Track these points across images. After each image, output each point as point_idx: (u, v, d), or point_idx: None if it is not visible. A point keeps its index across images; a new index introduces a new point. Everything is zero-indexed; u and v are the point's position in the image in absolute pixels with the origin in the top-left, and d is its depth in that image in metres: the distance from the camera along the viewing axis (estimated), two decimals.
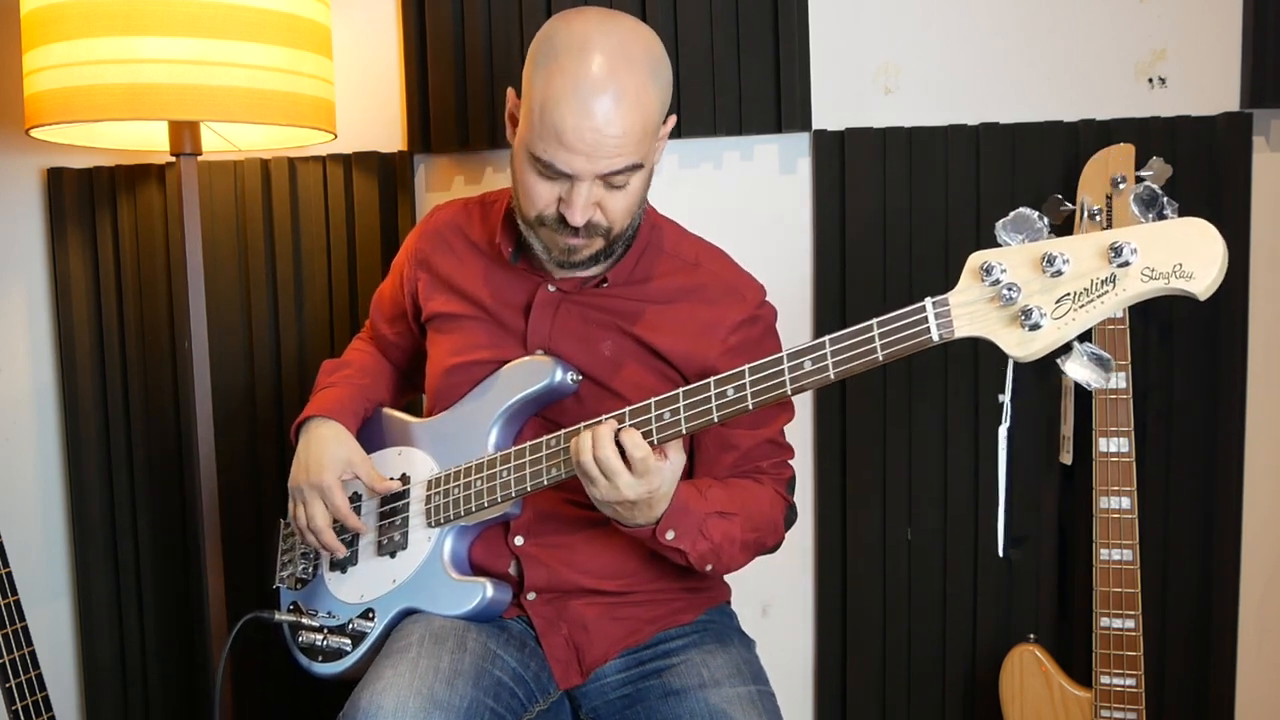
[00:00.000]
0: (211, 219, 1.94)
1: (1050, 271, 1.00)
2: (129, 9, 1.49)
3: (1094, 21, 1.83)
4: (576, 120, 1.19)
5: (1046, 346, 1.01)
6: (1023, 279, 1.01)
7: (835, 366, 1.10)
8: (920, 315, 1.06)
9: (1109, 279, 0.98)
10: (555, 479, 1.26)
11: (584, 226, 1.25)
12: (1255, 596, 1.86)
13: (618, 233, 1.29)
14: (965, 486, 1.88)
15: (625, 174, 1.23)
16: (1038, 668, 1.78)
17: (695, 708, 1.26)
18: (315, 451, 1.39)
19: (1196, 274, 0.95)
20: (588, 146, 1.20)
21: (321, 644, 1.41)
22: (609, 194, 1.25)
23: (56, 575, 2.09)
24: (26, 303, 2.06)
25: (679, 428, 1.18)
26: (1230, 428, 1.80)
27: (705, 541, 1.27)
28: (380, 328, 1.57)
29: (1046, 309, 1.00)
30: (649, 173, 1.29)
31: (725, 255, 1.42)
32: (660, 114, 1.26)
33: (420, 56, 1.92)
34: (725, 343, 1.33)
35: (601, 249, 1.30)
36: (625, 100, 1.20)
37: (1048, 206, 1.72)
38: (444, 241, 1.45)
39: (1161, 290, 0.97)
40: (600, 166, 1.22)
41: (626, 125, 1.20)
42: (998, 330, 1.03)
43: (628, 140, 1.21)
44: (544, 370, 1.32)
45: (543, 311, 1.36)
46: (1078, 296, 1.00)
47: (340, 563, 1.43)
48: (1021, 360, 1.02)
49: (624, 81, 1.20)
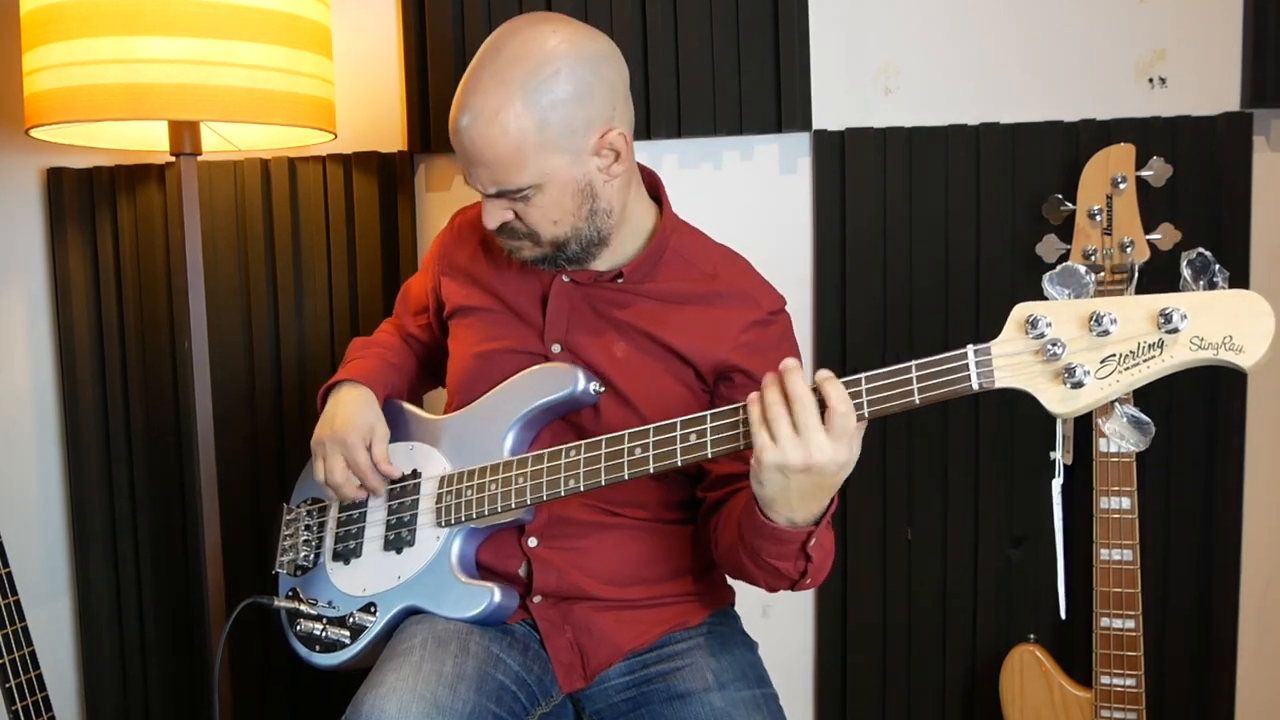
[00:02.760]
0: (211, 219, 1.94)
1: (1097, 330, 0.98)
2: (129, 9, 1.49)
3: (1094, 21, 1.83)
4: (455, 135, 1.24)
5: (1088, 405, 1.00)
6: (1068, 335, 1.00)
7: (870, 405, 1.07)
8: (961, 362, 1.04)
9: (1157, 344, 0.97)
10: (572, 491, 1.25)
11: (503, 231, 1.29)
12: (1255, 596, 1.86)
13: (549, 238, 1.28)
14: (965, 486, 1.88)
15: (519, 192, 1.24)
16: (1038, 668, 1.78)
17: (700, 711, 1.26)
18: (344, 411, 1.40)
19: (1247, 348, 0.94)
20: (467, 164, 1.25)
21: (320, 634, 1.40)
22: (520, 206, 1.26)
23: (56, 575, 2.09)
24: (26, 303, 2.06)
25: (704, 451, 1.16)
26: (1230, 428, 1.80)
27: (822, 551, 1.19)
28: (404, 319, 1.60)
29: (1091, 368, 0.99)
30: (566, 186, 1.25)
31: (746, 265, 1.41)
32: (550, 134, 1.21)
33: (420, 56, 1.92)
34: (737, 339, 1.32)
35: (545, 254, 1.30)
36: (479, 123, 1.21)
37: (1048, 206, 1.72)
38: (466, 239, 1.47)
39: (1209, 361, 0.96)
40: (483, 184, 1.25)
41: (497, 147, 1.21)
42: (1040, 385, 1.01)
43: (502, 163, 1.21)
44: (567, 379, 1.31)
45: (559, 303, 1.36)
46: (1123, 358, 0.98)
47: (343, 554, 1.42)
48: (1061, 417, 1.01)
49: (491, 100, 1.20)
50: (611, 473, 1.22)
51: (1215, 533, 1.82)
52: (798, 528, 1.12)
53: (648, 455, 1.20)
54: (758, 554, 1.17)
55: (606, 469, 1.23)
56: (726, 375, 1.33)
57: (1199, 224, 1.76)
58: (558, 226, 1.27)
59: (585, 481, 1.24)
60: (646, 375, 1.32)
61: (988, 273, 1.84)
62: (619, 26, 1.85)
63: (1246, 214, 1.79)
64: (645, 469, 1.20)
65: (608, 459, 1.23)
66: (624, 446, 1.22)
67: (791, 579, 1.19)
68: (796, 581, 1.20)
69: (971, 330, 1.85)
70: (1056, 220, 1.72)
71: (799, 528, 1.12)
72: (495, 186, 1.24)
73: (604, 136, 1.25)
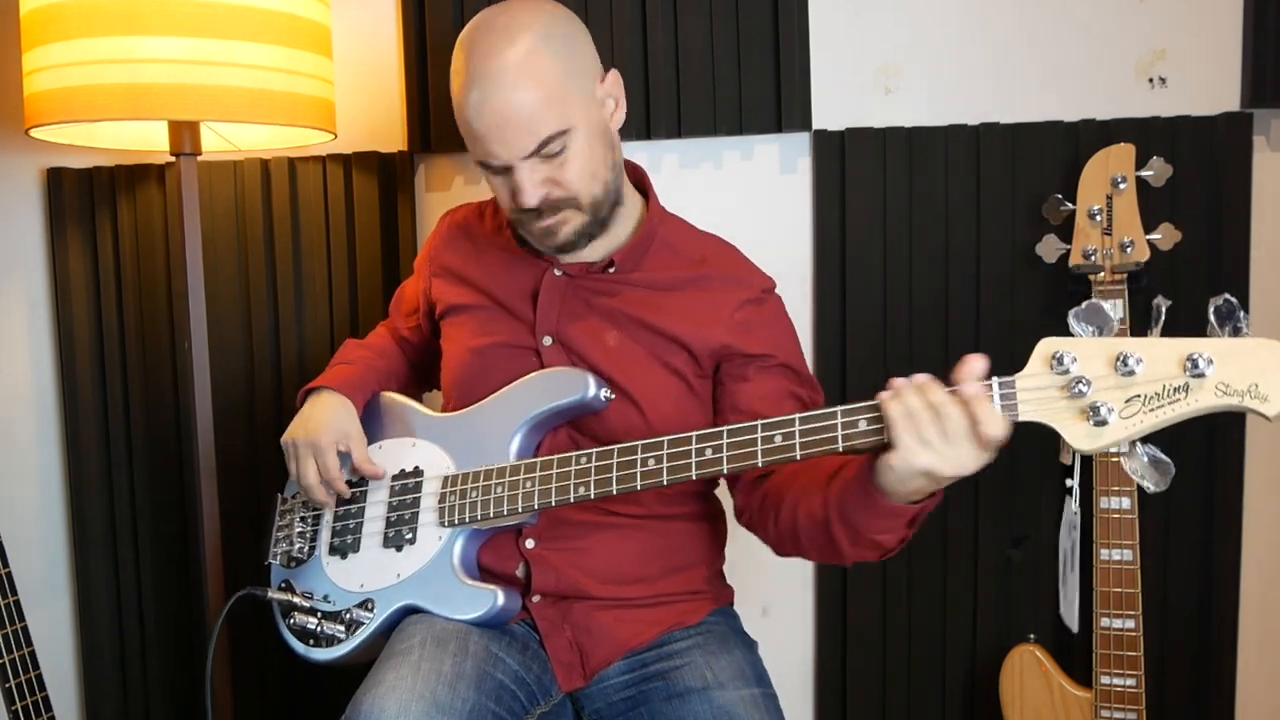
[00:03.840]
0: (211, 219, 1.94)
1: (1123, 370, 0.99)
2: (129, 9, 1.49)
3: (1094, 21, 1.83)
4: (477, 113, 1.23)
5: (1111, 443, 1.01)
6: (1094, 373, 1.00)
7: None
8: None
9: (1183, 387, 0.98)
10: (582, 498, 1.25)
11: (545, 206, 1.28)
12: (1255, 596, 1.86)
13: (588, 199, 1.29)
14: (965, 486, 1.86)
15: (555, 141, 1.24)
16: (1038, 668, 1.78)
17: (699, 710, 1.25)
18: (318, 414, 1.41)
19: (1272, 397, 0.95)
20: (499, 134, 1.23)
21: (315, 628, 1.39)
22: (554, 168, 1.26)
23: (56, 575, 2.09)
24: (26, 303, 2.06)
25: (720, 466, 1.17)
26: (1230, 427, 1.80)
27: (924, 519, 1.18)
28: (397, 321, 1.61)
29: (1116, 407, 0.99)
30: (593, 131, 1.28)
31: (734, 250, 1.42)
32: (566, 74, 1.24)
33: (420, 56, 1.92)
34: (731, 319, 1.33)
35: (584, 222, 1.31)
36: (509, 76, 1.21)
37: (1048, 206, 1.72)
38: (455, 240, 1.48)
39: (1234, 407, 0.96)
40: (520, 148, 1.24)
41: (522, 98, 1.21)
42: (1064, 421, 1.02)
43: (534, 113, 1.22)
44: (578, 384, 1.31)
45: (549, 297, 1.36)
46: (1148, 400, 0.99)
47: (340, 548, 1.41)
48: (1084, 454, 1.02)
49: (506, 58, 1.21)
50: (624, 483, 1.22)
51: (1215, 533, 1.82)
52: (912, 504, 1.12)
53: (661, 468, 1.20)
54: (860, 531, 1.16)
55: (618, 479, 1.23)
56: (726, 357, 1.34)
57: (1199, 224, 1.76)
58: (595, 180, 1.29)
59: (596, 490, 1.24)
60: (640, 364, 1.33)
61: (987, 273, 1.84)
62: (619, 26, 1.85)
63: (1246, 214, 1.78)
64: (659, 481, 1.20)
65: (620, 469, 1.23)
66: (637, 457, 1.22)
67: (888, 549, 1.18)
68: (890, 550, 1.18)
69: (972, 331, 1.85)
70: (1056, 220, 1.72)
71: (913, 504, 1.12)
72: (532, 141, 1.23)
73: (603, 81, 1.30)
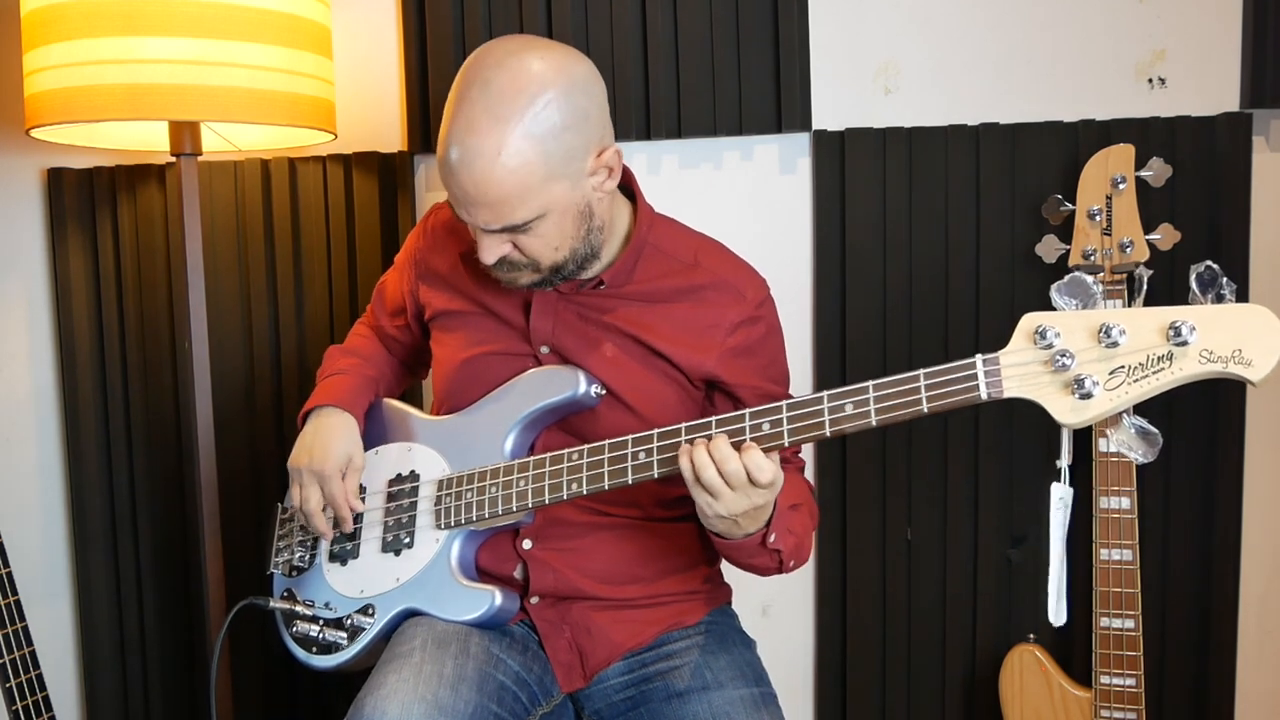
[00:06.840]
0: (211, 219, 1.94)
1: (1106, 342, 0.99)
2: (129, 9, 1.49)
3: (1094, 21, 1.83)
4: (450, 171, 1.18)
5: (1096, 416, 1.01)
6: (1077, 346, 1.00)
7: (878, 414, 1.08)
8: (969, 372, 1.05)
9: (1166, 356, 0.98)
10: (575, 494, 1.25)
11: (502, 264, 1.25)
12: (1255, 596, 1.86)
13: (549, 264, 1.26)
14: (965, 486, 1.88)
15: (522, 225, 1.20)
16: (1038, 668, 1.78)
17: (699, 710, 1.26)
18: (323, 439, 1.40)
19: (1256, 362, 0.95)
20: (465, 201, 1.19)
21: (317, 635, 1.40)
22: (517, 236, 1.22)
23: (56, 575, 2.09)
24: (26, 303, 2.06)
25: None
26: (1230, 427, 1.80)
27: (793, 537, 1.24)
28: (380, 319, 1.57)
29: (1100, 379, 1.00)
30: (568, 210, 1.23)
31: (724, 250, 1.39)
32: (550, 170, 1.18)
33: (420, 56, 1.92)
34: (724, 344, 1.32)
35: (544, 278, 1.28)
36: (485, 160, 1.15)
37: (1047, 206, 1.72)
38: (442, 240, 1.44)
39: (1218, 374, 0.97)
40: (484, 222, 1.20)
41: (494, 190, 1.16)
42: (1048, 396, 1.02)
43: (505, 201, 1.17)
44: (569, 381, 1.31)
45: (542, 309, 1.35)
46: (1132, 370, 0.99)
47: (340, 555, 1.42)
48: (1069, 427, 1.02)
49: (487, 143, 1.15)
50: (615, 477, 1.22)
51: (1215, 533, 1.82)
52: (752, 536, 1.19)
53: (652, 460, 1.20)
54: (733, 561, 1.27)
55: (610, 473, 1.23)
56: (714, 387, 1.34)
57: (1198, 224, 1.76)
58: (558, 252, 1.25)
59: (589, 485, 1.24)
60: (637, 377, 1.32)
61: (987, 273, 1.84)
62: (619, 27, 1.85)
63: (1246, 214, 1.79)
64: (650, 474, 1.20)
65: (611, 463, 1.23)
66: (627, 451, 1.22)
67: (774, 568, 1.26)
68: (781, 567, 1.26)
69: (971, 331, 1.85)
70: (1056, 220, 1.72)
71: (755, 535, 1.19)
72: (496, 223, 1.20)
73: (600, 156, 1.23)
